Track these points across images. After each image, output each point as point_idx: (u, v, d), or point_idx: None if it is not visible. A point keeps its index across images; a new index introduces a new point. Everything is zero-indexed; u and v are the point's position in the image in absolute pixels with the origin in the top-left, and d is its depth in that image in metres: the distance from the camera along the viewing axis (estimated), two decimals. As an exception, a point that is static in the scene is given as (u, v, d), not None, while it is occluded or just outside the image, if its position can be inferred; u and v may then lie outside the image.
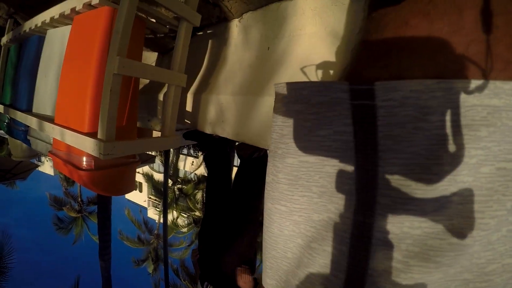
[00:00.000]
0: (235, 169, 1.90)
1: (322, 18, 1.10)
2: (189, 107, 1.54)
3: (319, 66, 1.07)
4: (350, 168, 0.66)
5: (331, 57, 1.06)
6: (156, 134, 1.56)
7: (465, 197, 0.58)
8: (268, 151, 0.90)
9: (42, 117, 1.43)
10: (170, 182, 12.36)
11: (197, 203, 12.44)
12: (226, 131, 1.35)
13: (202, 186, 12.57)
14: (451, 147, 0.58)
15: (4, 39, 2.20)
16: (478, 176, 0.58)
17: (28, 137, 1.86)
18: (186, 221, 13.21)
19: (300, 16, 1.16)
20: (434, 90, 0.57)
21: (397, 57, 0.64)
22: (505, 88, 0.55)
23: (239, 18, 1.38)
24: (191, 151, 13.55)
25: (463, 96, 0.57)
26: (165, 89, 1.72)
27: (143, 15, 1.33)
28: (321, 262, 0.73)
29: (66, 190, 16.85)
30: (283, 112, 0.80)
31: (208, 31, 1.57)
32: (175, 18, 1.36)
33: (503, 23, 0.58)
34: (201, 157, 12.25)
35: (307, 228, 0.76)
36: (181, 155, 14.57)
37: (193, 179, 13.35)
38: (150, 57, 1.99)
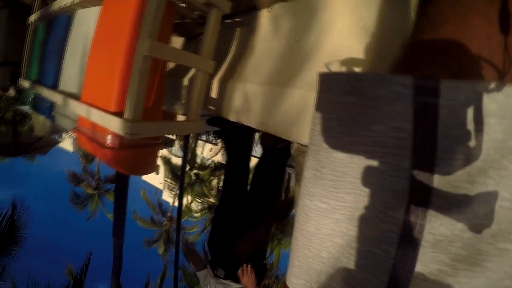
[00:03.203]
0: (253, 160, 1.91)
1: (354, 12, 1.08)
2: (214, 93, 1.55)
3: (348, 62, 1.07)
4: (405, 166, 0.65)
5: (362, 53, 1.05)
6: (179, 117, 1.58)
7: None
8: (308, 144, 0.86)
9: (69, 95, 1.46)
10: (187, 166, 12.46)
11: (212, 190, 12.52)
12: (250, 120, 1.35)
13: (218, 173, 12.64)
14: (507, 152, 0.57)
15: (32, 18, 2.24)
16: None
17: (53, 113, 1.90)
18: (199, 206, 13.35)
19: (331, 9, 1.15)
20: (496, 93, 0.56)
21: (456, 55, 0.62)
22: None
23: (268, 8, 1.37)
24: (210, 138, 13.63)
25: None
26: (190, 74, 1.73)
27: (174, -1, 1.34)
28: (363, 263, 0.72)
29: (85, 167, 17.30)
30: (331, 104, 0.76)
31: (236, 19, 1.57)
32: (205, 4, 1.37)
33: None
34: (219, 144, 12.28)
35: (349, 227, 0.74)
36: (199, 141, 14.66)
37: (210, 166, 13.45)
38: (176, 42, 2.00)
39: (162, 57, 1.09)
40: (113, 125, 1.07)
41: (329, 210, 0.77)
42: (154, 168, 1.53)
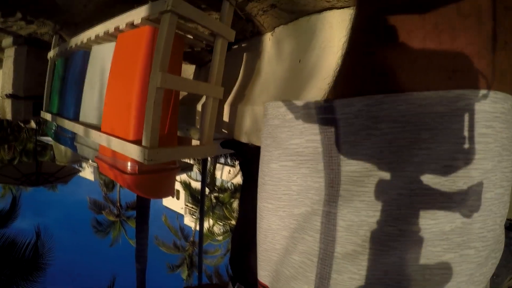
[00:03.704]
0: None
1: (350, 30, 1.15)
2: (226, 117, 1.62)
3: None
4: (320, 168, 0.80)
5: (359, 69, 1.11)
6: (195, 142, 1.65)
7: (412, 190, 0.68)
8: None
9: (89, 126, 1.56)
10: (207, 190, 12.50)
11: (233, 212, 12.59)
12: (260, 141, 1.39)
13: (238, 195, 12.68)
14: (397, 149, 0.69)
15: (51, 53, 2.38)
16: (423, 172, 0.67)
17: (75, 144, 2.00)
18: (221, 229, 13.34)
19: (328, 29, 1.21)
20: (382, 102, 0.69)
21: (397, 71, 0.73)
22: (448, 96, 0.65)
23: (271, 32, 1.45)
24: (228, 160, 13.76)
25: (405, 106, 0.67)
26: (203, 100, 1.82)
27: (181, 33, 1.43)
28: (301, 248, 0.86)
29: (106, 195, 17.65)
30: (266, 126, 0.97)
31: (242, 45, 1.66)
32: (210, 35, 1.46)
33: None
34: (237, 166, 12.34)
35: (290, 221, 0.89)
36: (218, 164, 14.77)
37: (230, 188, 13.52)
38: (187, 69, 2.10)
39: (173, 87, 1.18)
40: (132, 152, 1.15)
41: (274, 209, 0.94)
42: (173, 191, 1.60)
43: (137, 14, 1.26)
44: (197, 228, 14.67)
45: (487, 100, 0.64)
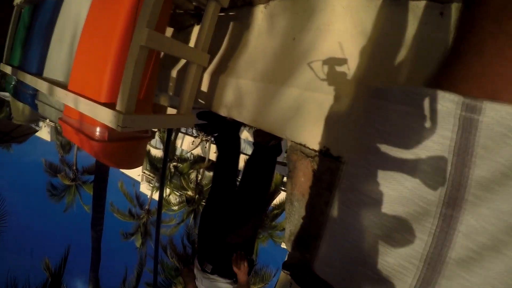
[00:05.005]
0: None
1: (354, 16, 1.09)
2: (205, 87, 1.52)
3: (344, 64, 1.07)
4: (444, 167, 0.77)
5: (357, 57, 1.06)
6: (170, 110, 1.53)
7: None
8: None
9: (54, 82, 1.40)
10: None
11: (191, 183, 12.48)
12: (242, 116, 1.34)
13: (197, 166, 12.59)
14: None
15: (18, 0, 2.15)
16: None
17: (36, 102, 1.82)
18: (178, 199, 13.16)
19: (330, 11, 1.15)
20: None
21: (492, 80, 0.73)
22: None
23: (265, 5, 1.36)
24: (190, 130, 13.52)
25: None
26: (178, 66, 1.70)
27: (171, -11, 1.30)
28: (401, 251, 0.83)
29: (62, 157, 16.89)
30: (387, 111, 0.88)
31: (230, 13, 1.55)
32: (203, -4, 1.34)
33: None
34: (200, 137, 12.11)
35: (390, 219, 0.85)
36: (179, 133, 14.49)
37: (189, 159, 13.35)
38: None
39: (159, 48, 1.06)
40: (104, 117, 1.03)
41: (373, 204, 0.89)
42: (142, 162, 1.49)
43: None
44: (153, 196, 14.47)
45: None
